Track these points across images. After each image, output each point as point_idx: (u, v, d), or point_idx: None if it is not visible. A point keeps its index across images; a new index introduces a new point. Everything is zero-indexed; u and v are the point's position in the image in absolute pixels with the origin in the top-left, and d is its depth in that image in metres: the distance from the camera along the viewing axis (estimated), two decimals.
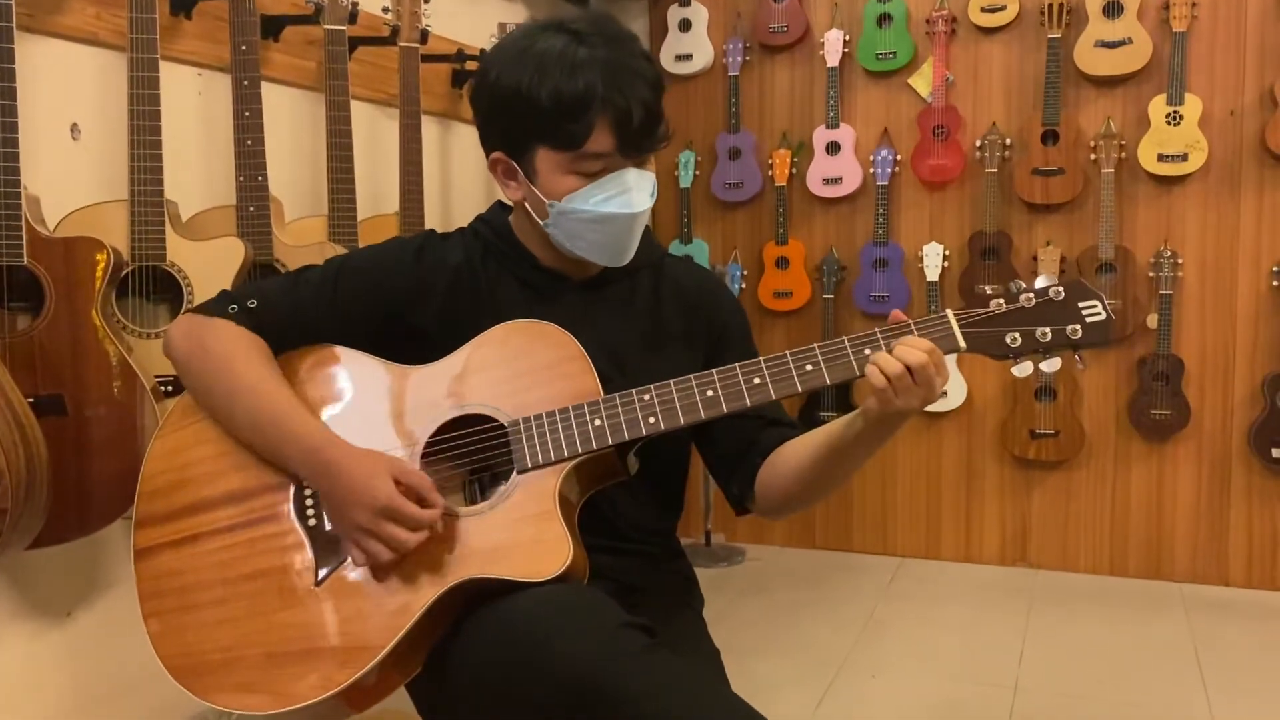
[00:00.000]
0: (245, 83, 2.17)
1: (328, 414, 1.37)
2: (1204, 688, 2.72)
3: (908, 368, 1.21)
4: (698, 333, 1.49)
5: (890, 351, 1.23)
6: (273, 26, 2.45)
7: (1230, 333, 3.46)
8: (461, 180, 3.24)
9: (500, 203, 1.52)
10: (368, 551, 1.25)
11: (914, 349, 1.22)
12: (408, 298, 1.42)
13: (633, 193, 1.35)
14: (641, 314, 1.48)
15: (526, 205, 1.41)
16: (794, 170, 3.82)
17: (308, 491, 1.32)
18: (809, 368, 1.27)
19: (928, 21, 3.61)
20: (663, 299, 1.49)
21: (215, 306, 1.41)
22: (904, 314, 1.27)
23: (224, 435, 1.36)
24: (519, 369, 1.34)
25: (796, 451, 1.40)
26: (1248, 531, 3.49)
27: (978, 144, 3.59)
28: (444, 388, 1.35)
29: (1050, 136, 3.49)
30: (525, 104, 1.32)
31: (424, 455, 1.32)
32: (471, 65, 3.07)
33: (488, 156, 1.42)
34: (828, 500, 3.92)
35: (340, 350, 1.41)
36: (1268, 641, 3.05)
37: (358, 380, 1.39)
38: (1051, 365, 1.29)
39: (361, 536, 1.25)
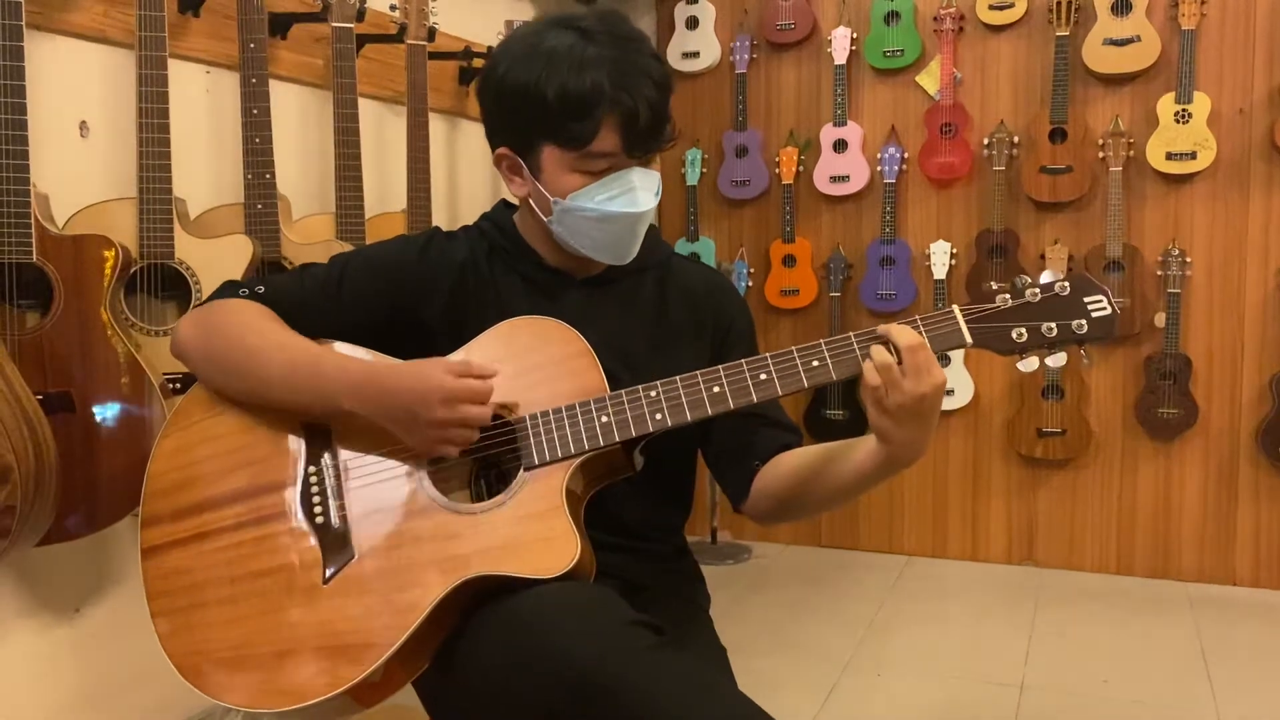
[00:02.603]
0: (253, 80, 2.17)
1: None
2: (1210, 687, 2.72)
3: (895, 349, 1.21)
4: (704, 331, 1.50)
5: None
6: (280, 24, 2.45)
7: (1238, 331, 3.45)
8: (468, 178, 3.24)
9: (505, 201, 1.52)
10: (455, 442, 1.26)
11: (903, 333, 1.22)
12: (412, 295, 1.42)
13: (637, 192, 1.35)
14: (647, 312, 1.48)
15: (531, 201, 1.41)
16: (801, 168, 3.82)
17: (314, 488, 1.32)
18: (815, 364, 1.27)
19: (935, 19, 3.61)
20: (669, 298, 1.50)
21: (223, 293, 1.42)
22: (908, 311, 1.27)
23: (231, 432, 1.36)
24: (525, 365, 1.34)
25: (795, 473, 1.40)
26: (1255, 531, 3.48)
27: (985, 142, 3.58)
28: None
29: (1058, 134, 3.49)
30: (532, 101, 1.32)
31: None
32: (479, 63, 3.07)
33: (493, 151, 1.42)
34: None
35: (345, 346, 1.41)
36: (1274, 641, 3.04)
37: None
38: (1057, 360, 1.29)
39: (444, 430, 1.25)
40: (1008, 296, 1.26)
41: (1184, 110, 3.36)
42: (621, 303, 1.47)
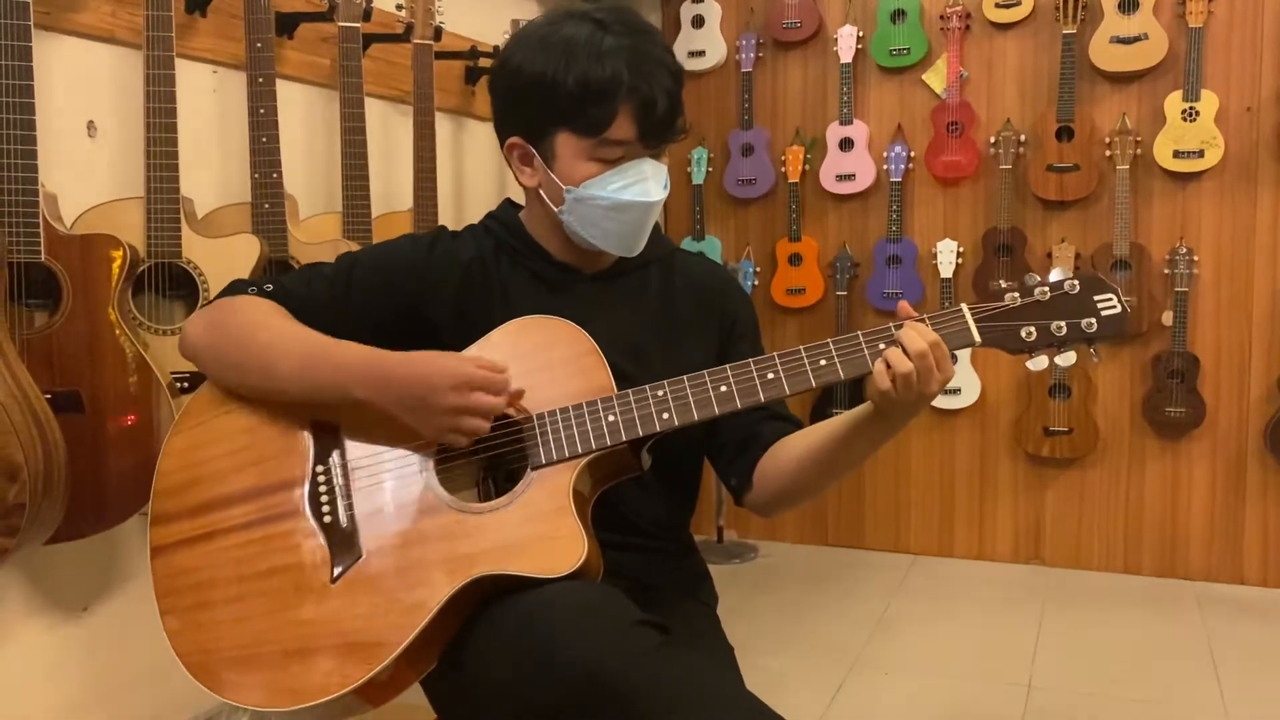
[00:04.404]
0: (260, 80, 2.18)
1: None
2: (1218, 686, 2.71)
3: (907, 355, 1.21)
4: (710, 323, 1.50)
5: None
6: (287, 24, 2.46)
7: (1246, 330, 3.44)
8: (474, 177, 3.24)
9: (510, 200, 1.53)
10: (465, 430, 1.25)
11: (917, 337, 1.22)
12: (420, 294, 1.42)
13: (649, 182, 1.37)
14: (654, 305, 1.48)
15: (541, 191, 1.41)
16: (807, 167, 3.82)
17: (322, 488, 1.32)
18: (823, 363, 1.27)
19: (942, 17, 3.60)
20: (674, 290, 1.50)
21: (231, 291, 1.42)
22: (914, 309, 1.27)
23: (239, 431, 1.36)
24: (532, 365, 1.34)
25: (798, 444, 1.41)
26: (1263, 530, 3.47)
27: (992, 140, 3.58)
28: None
29: (1065, 133, 3.48)
30: (550, 88, 1.33)
31: (438, 452, 1.32)
32: (485, 62, 3.07)
33: (503, 143, 1.42)
34: (841, 497, 3.92)
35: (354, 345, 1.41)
36: None
37: None
38: (1066, 359, 1.29)
39: (456, 418, 1.25)
40: (1016, 295, 1.26)
41: (1191, 108, 3.35)
42: (629, 296, 1.47)
